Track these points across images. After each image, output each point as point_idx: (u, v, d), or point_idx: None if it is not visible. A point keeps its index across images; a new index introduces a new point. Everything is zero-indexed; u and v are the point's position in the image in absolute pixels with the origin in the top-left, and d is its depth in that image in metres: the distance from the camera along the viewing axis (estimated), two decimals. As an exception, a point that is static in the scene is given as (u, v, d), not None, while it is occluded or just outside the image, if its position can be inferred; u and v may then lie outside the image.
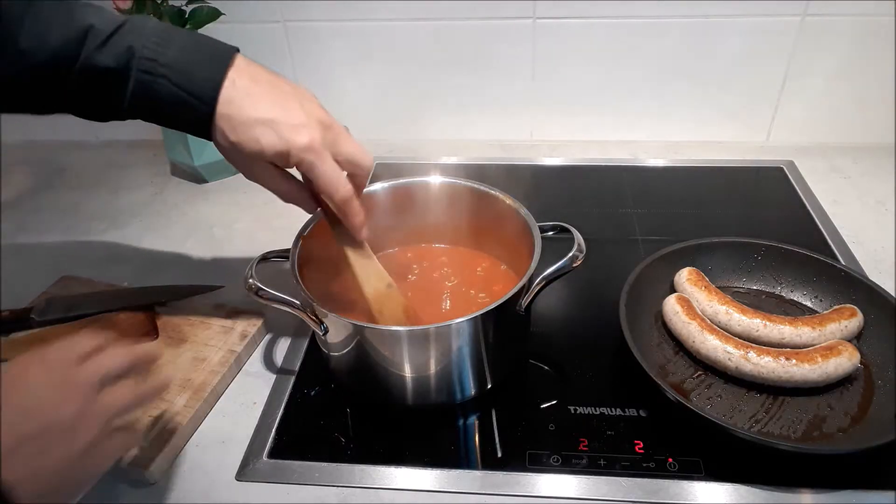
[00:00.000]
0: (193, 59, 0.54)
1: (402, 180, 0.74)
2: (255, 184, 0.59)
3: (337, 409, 0.65)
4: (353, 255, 0.63)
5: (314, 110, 0.57)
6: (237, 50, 0.56)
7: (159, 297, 0.75)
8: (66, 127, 1.16)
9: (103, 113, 0.57)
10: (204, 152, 0.99)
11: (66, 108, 0.57)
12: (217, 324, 0.72)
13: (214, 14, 0.94)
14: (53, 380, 0.43)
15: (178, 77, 0.53)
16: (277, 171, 0.59)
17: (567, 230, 0.64)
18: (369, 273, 0.64)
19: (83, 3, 0.55)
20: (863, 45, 0.94)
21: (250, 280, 0.61)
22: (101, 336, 0.47)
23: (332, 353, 0.64)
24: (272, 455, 0.60)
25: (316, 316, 0.60)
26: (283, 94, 0.56)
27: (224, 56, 0.55)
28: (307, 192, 0.61)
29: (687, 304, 0.67)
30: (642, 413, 0.62)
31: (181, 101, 0.53)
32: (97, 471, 0.44)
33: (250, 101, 0.54)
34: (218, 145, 0.57)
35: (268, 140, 0.54)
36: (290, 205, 0.62)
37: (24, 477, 0.39)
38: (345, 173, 0.58)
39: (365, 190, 0.73)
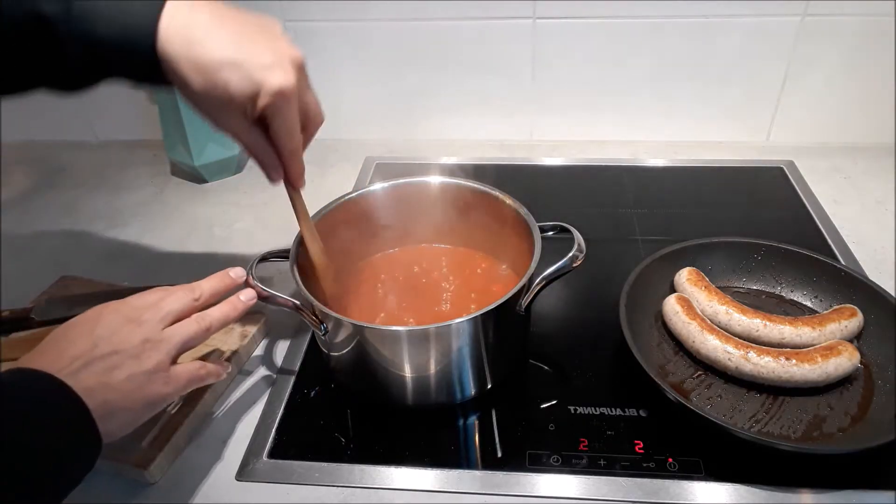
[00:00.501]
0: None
1: (402, 180, 0.74)
2: (255, 183, 0.59)
3: (337, 409, 0.65)
4: (301, 214, 0.63)
5: (284, 47, 0.52)
6: None
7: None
8: (66, 127, 1.16)
9: (61, 73, 0.53)
10: (204, 152, 1.00)
11: (25, 76, 0.54)
12: (217, 324, 0.72)
13: (214, 14, 0.94)
14: (123, 319, 0.51)
15: (115, 13, 0.49)
16: (250, 125, 0.54)
17: (567, 230, 0.64)
18: (311, 232, 0.64)
19: None
20: (863, 45, 0.94)
21: (250, 280, 0.61)
22: (163, 290, 0.55)
23: (332, 353, 0.64)
24: (272, 455, 0.60)
25: (316, 316, 0.60)
26: (251, 29, 0.52)
27: None
28: (272, 147, 0.56)
29: (687, 304, 0.67)
30: (642, 413, 0.62)
31: (120, 40, 0.50)
32: (168, 391, 0.51)
33: (214, 41, 0.50)
34: (185, 93, 0.52)
35: (236, 83, 0.50)
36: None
37: (94, 386, 0.46)
38: None
39: (365, 190, 0.73)
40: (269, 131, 0.54)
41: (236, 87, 0.50)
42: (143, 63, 0.50)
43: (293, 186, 0.60)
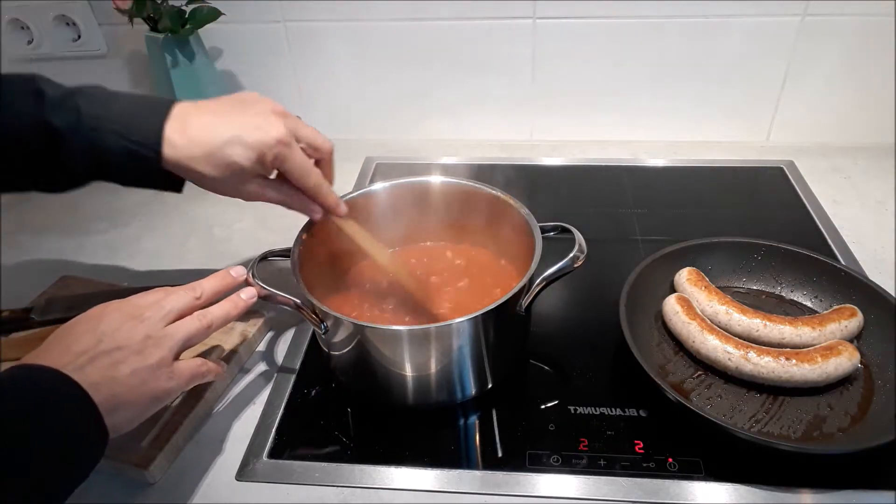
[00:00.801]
0: (136, 110, 0.57)
1: (402, 180, 0.74)
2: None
3: (337, 408, 0.65)
4: (355, 234, 0.66)
5: (265, 105, 0.59)
6: (175, 100, 0.59)
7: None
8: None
9: (59, 177, 0.59)
10: (204, 152, 0.99)
11: (22, 179, 0.59)
12: (217, 324, 0.72)
13: (214, 14, 0.94)
14: (126, 316, 0.52)
15: (122, 128, 0.56)
16: (268, 182, 0.61)
17: (568, 230, 0.64)
18: (373, 244, 0.67)
19: (37, 76, 0.58)
20: (863, 46, 0.94)
21: (251, 279, 0.61)
22: (165, 289, 0.56)
23: (332, 353, 0.64)
24: (272, 455, 0.60)
25: (317, 315, 0.60)
26: (231, 108, 0.59)
27: (164, 105, 0.57)
28: (303, 194, 0.63)
29: (687, 304, 0.67)
30: (642, 413, 0.62)
31: (128, 151, 0.56)
32: (171, 386, 0.52)
33: (208, 132, 0.57)
34: (207, 185, 0.60)
35: (240, 154, 0.56)
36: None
37: (100, 381, 0.47)
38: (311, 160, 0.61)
39: (365, 190, 0.73)
40: (290, 179, 0.61)
41: (242, 157, 0.57)
42: (147, 171, 0.58)
43: (336, 215, 0.64)
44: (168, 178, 0.60)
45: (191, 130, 0.57)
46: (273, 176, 0.62)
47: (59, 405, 0.45)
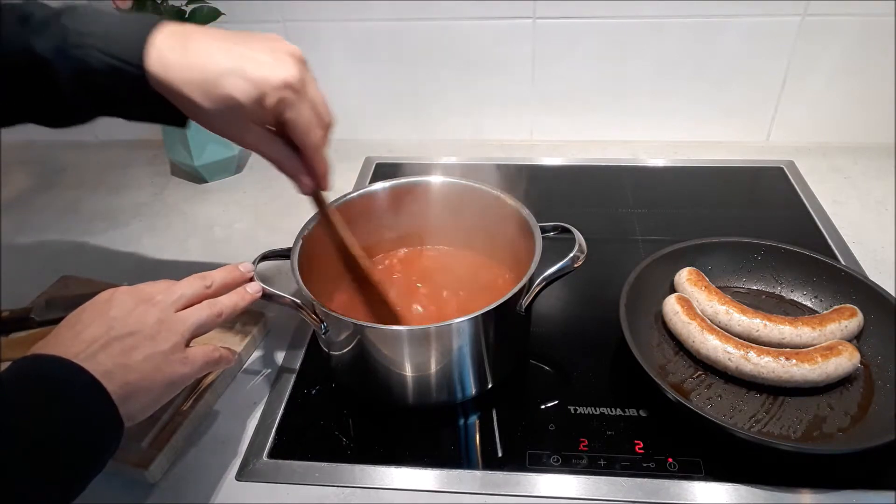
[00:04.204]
0: (122, 25, 0.51)
1: (402, 180, 0.74)
2: (255, 183, 0.59)
3: (337, 408, 0.65)
4: (340, 227, 0.62)
5: (280, 45, 0.52)
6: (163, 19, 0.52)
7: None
8: (66, 127, 1.16)
9: (53, 106, 0.54)
10: (204, 152, 0.99)
11: (16, 110, 0.55)
12: (217, 324, 0.72)
13: (214, 14, 0.94)
14: (136, 300, 0.51)
15: (105, 44, 0.50)
16: (268, 134, 0.54)
17: (568, 230, 0.64)
18: (354, 244, 0.63)
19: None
20: (863, 46, 0.94)
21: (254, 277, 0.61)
22: (170, 280, 0.55)
23: (332, 353, 0.64)
24: (272, 455, 0.60)
25: (317, 315, 0.60)
26: (240, 38, 0.52)
27: (150, 21, 0.51)
28: (297, 157, 0.56)
29: (687, 304, 0.67)
30: (642, 413, 0.62)
31: (111, 68, 0.50)
32: (186, 372, 0.51)
33: (207, 56, 0.50)
34: (196, 116, 0.52)
35: (239, 88, 0.49)
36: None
37: (113, 369, 0.46)
38: None
39: (364, 190, 0.73)
40: (287, 132, 0.53)
41: (240, 93, 0.49)
42: (138, 93, 0.51)
43: (322, 188, 0.58)
44: (168, 107, 0.52)
45: (189, 52, 0.50)
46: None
47: (72, 396, 0.44)
